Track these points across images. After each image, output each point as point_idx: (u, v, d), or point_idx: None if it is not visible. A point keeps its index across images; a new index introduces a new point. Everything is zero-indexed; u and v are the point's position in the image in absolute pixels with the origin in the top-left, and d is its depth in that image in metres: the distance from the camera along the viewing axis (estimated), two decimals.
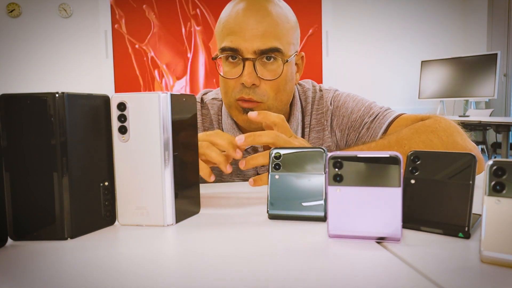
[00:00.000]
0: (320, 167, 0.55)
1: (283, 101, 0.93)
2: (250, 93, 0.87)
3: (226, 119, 1.00)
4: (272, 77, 0.88)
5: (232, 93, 0.90)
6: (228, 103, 0.93)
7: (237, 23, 0.87)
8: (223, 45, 0.88)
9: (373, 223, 0.45)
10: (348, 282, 0.36)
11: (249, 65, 0.86)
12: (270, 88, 0.89)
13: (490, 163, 0.38)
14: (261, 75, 0.87)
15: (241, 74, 0.87)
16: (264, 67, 0.88)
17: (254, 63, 0.86)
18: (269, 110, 0.89)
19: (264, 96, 0.88)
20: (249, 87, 0.87)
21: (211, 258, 0.43)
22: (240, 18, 0.87)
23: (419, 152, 0.50)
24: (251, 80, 0.86)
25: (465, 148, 0.76)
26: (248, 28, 0.86)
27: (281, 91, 0.91)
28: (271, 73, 0.88)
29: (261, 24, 0.86)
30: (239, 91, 0.88)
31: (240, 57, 0.87)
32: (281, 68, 0.89)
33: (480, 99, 3.50)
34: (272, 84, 0.88)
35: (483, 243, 0.38)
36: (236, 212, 0.63)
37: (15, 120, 0.48)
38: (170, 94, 0.53)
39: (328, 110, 1.00)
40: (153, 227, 0.54)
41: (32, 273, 0.40)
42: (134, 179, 0.54)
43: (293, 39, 0.92)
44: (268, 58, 0.87)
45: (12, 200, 0.48)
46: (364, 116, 0.96)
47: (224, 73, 0.90)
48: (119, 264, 0.42)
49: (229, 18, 0.89)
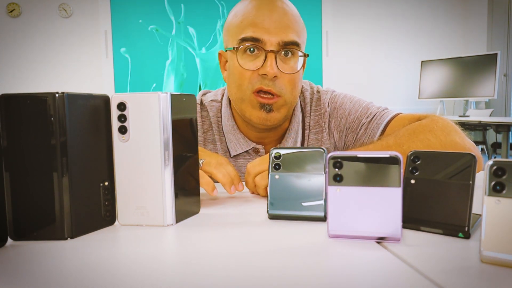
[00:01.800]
0: (320, 167, 0.55)
1: (296, 97, 0.94)
2: (270, 84, 0.87)
3: (226, 121, 0.99)
4: (291, 71, 0.89)
5: (249, 85, 0.89)
6: (241, 97, 0.91)
7: (258, 16, 0.88)
8: (243, 36, 0.88)
9: (373, 223, 0.45)
10: (348, 282, 0.36)
11: (271, 57, 0.86)
12: (288, 82, 0.89)
13: (490, 163, 0.38)
14: (282, 68, 0.88)
15: (262, 66, 0.87)
16: (284, 61, 0.89)
17: (276, 55, 0.87)
18: (285, 104, 0.91)
19: (283, 89, 0.89)
20: (270, 78, 0.87)
21: (211, 258, 0.43)
22: (262, 11, 0.88)
23: (419, 152, 0.50)
24: (274, 71, 0.86)
25: (463, 147, 0.76)
26: (272, 21, 0.87)
27: (296, 87, 0.92)
28: (290, 68, 0.89)
29: (283, 19, 0.88)
30: (258, 81, 0.88)
31: (262, 48, 0.87)
32: (298, 63, 0.90)
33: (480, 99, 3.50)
34: (290, 78, 0.89)
35: (483, 243, 0.38)
36: (236, 212, 0.63)
37: (15, 120, 0.48)
38: (170, 94, 0.53)
39: (326, 112, 1.00)
40: (153, 227, 0.54)
41: (32, 273, 0.40)
42: (134, 179, 0.54)
43: (305, 39, 0.95)
44: (286, 53, 0.89)
45: (12, 200, 0.48)
46: (361, 117, 0.96)
47: (242, 64, 0.89)
48: (119, 264, 0.42)
49: (249, 10, 0.89)
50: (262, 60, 0.87)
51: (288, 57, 0.89)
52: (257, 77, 0.88)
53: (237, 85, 0.91)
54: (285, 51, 0.88)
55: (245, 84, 0.89)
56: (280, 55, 0.88)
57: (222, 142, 1.00)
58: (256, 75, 0.88)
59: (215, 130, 1.00)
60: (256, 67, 0.87)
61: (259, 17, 0.87)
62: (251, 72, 0.88)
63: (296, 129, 0.99)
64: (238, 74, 0.90)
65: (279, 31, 0.86)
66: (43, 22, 3.58)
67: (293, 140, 0.98)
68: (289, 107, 0.92)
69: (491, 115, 3.27)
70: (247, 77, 0.89)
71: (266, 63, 0.86)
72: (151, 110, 0.53)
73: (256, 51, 0.88)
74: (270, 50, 0.86)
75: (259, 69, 0.87)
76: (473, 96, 3.46)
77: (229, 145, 0.99)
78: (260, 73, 0.87)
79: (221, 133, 1.00)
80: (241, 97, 0.91)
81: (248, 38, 0.87)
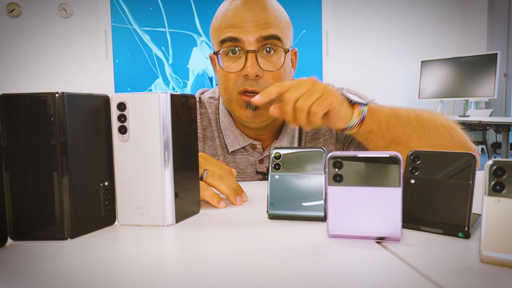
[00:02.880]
0: (320, 167, 0.55)
1: None
2: (254, 84, 0.87)
3: (224, 117, 1.00)
4: (273, 68, 0.89)
5: (234, 87, 0.89)
6: (229, 98, 0.92)
7: (236, 16, 0.87)
8: (222, 37, 0.88)
9: (373, 223, 0.45)
10: (348, 282, 0.36)
11: (251, 57, 0.86)
12: (273, 80, 0.89)
13: (490, 163, 0.38)
14: (264, 66, 0.87)
15: (243, 67, 0.87)
16: (265, 59, 0.88)
17: (256, 55, 0.87)
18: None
19: (267, 87, 0.88)
20: (252, 78, 0.87)
21: (211, 258, 0.43)
22: (239, 12, 0.87)
23: (419, 152, 0.50)
24: (255, 70, 0.86)
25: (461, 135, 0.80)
26: (249, 20, 0.86)
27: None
28: (273, 64, 0.89)
29: (261, 16, 0.87)
30: (242, 83, 0.88)
31: (242, 49, 0.87)
32: (281, 59, 0.89)
33: (480, 99, 3.50)
34: (274, 75, 0.89)
35: (483, 243, 0.38)
36: (236, 212, 0.63)
37: (15, 120, 0.48)
38: (170, 94, 0.53)
39: None
40: (153, 227, 0.54)
41: (32, 273, 0.40)
42: (134, 179, 0.54)
43: (289, 34, 0.93)
44: (269, 50, 0.88)
45: (12, 200, 0.48)
46: None
47: (225, 67, 0.90)
48: (119, 264, 0.42)
49: (228, 12, 0.89)
50: (243, 61, 0.87)
51: (270, 54, 0.88)
52: (241, 78, 0.88)
53: (224, 87, 0.92)
54: (267, 48, 0.88)
55: (231, 85, 0.90)
56: (262, 53, 0.88)
57: (220, 138, 1.00)
58: (240, 76, 0.88)
59: (214, 126, 1.01)
60: (239, 68, 0.88)
61: (237, 17, 0.87)
62: (235, 74, 0.88)
63: (293, 129, 0.99)
64: (223, 77, 0.91)
65: (257, 28, 0.86)
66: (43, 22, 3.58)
67: (290, 135, 0.99)
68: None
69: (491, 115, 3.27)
70: (232, 79, 0.89)
71: (246, 64, 0.86)
72: (151, 110, 0.53)
73: (238, 52, 0.88)
74: (250, 50, 0.86)
75: (241, 70, 0.87)
76: (473, 96, 3.46)
77: (226, 141, 0.99)
78: (243, 74, 0.87)
79: (219, 130, 1.01)
80: (228, 98, 0.92)
81: (227, 39, 0.87)
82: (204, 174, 0.67)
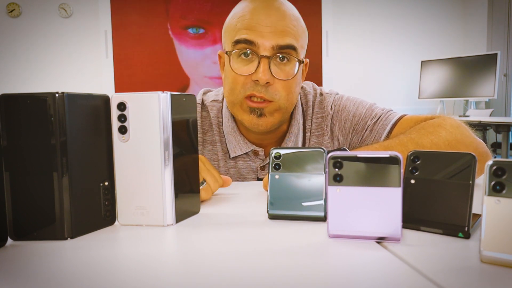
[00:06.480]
0: (320, 167, 0.55)
1: (292, 102, 0.92)
2: (263, 91, 0.86)
3: (227, 122, 0.98)
4: (285, 77, 0.87)
5: (242, 90, 0.87)
6: (233, 100, 0.90)
7: (254, 18, 0.85)
8: (237, 38, 0.86)
9: (373, 223, 0.45)
10: (348, 282, 0.36)
11: (264, 63, 0.84)
12: (283, 88, 0.87)
13: (490, 163, 0.38)
14: (276, 74, 0.86)
15: (255, 71, 0.85)
16: (278, 67, 0.87)
17: (270, 61, 0.85)
18: (279, 109, 0.89)
19: (276, 95, 0.87)
20: (262, 85, 0.85)
21: (211, 258, 0.43)
22: (258, 15, 0.85)
23: (419, 152, 0.50)
24: (266, 77, 0.84)
25: (473, 140, 0.77)
26: (267, 25, 0.84)
27: (292, 93, 0.90)
28: (285, 74, 0.87)
29: (280, 23, 0.85)
30: (250, 87, 0.86)
31: (255, 53, 0.85)
32: (294, 69, 0.88)
33: (480, 99, 3.50)
34: (285, 84, 0.87)
35: (483, 243, 0.38)
36: (236, 212, 0.63)
37: (15, 120, 0.48)
38: (170, 94, 0.53)
39: (329, 115, 0.99)
40: (153, 227, 0.54)
41: (32, 273, 0.40)
42: (134, 179, 0.54)
43: (304, 43, 0.92)
44: (282, 58, 0.86)
45: (12, 200, 0.48)
46: (366, 118, 0.95)
47: (235, 69, 0.87)
48: (119, 264, 0.42)
49: (245, 13, 0.87)
50: (255, 65, 0.85)
51: (283, 62, 0.87)
52: (250, 83, 0.86)
53: (230, 89, 0.90)
54: (281, 56, 0.86)
55: (238, 88, 0.88)
56: (275, 60, 0.86)
57: (222, 143, 0.99)
58: (249, 81, 0.86)
59: (216, 130, 0.99)
60: (250, 72, 0.86)
61: (255, 19, 0.85)
62: (244, 77, 0.86)
63: (296, 132, 0.98)
64: (232, 78, 0.89)
65: (274, 35, 0.84)
66: (43, 22, 3.58)
67: (293, 143, 0.97)
68: (283, 112, 0.90)
69: (491, 115, 3.27)
70: (240, 82, 0.87)
71: (258, 69, 0.84)
72: (151, 110, 0.53)
73: (251, 55, 0.86)
74: (264, 55, 0.84)
75: (252, 74, 0.85)
76: (473, 96, 3.46)
77: (228, 146, 0.98)
78: (253, 79, 0.85)
79: (222, 134, 0.99)
80: (232, 100, 0.90)
81: (242, 40, 0.85)
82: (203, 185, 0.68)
